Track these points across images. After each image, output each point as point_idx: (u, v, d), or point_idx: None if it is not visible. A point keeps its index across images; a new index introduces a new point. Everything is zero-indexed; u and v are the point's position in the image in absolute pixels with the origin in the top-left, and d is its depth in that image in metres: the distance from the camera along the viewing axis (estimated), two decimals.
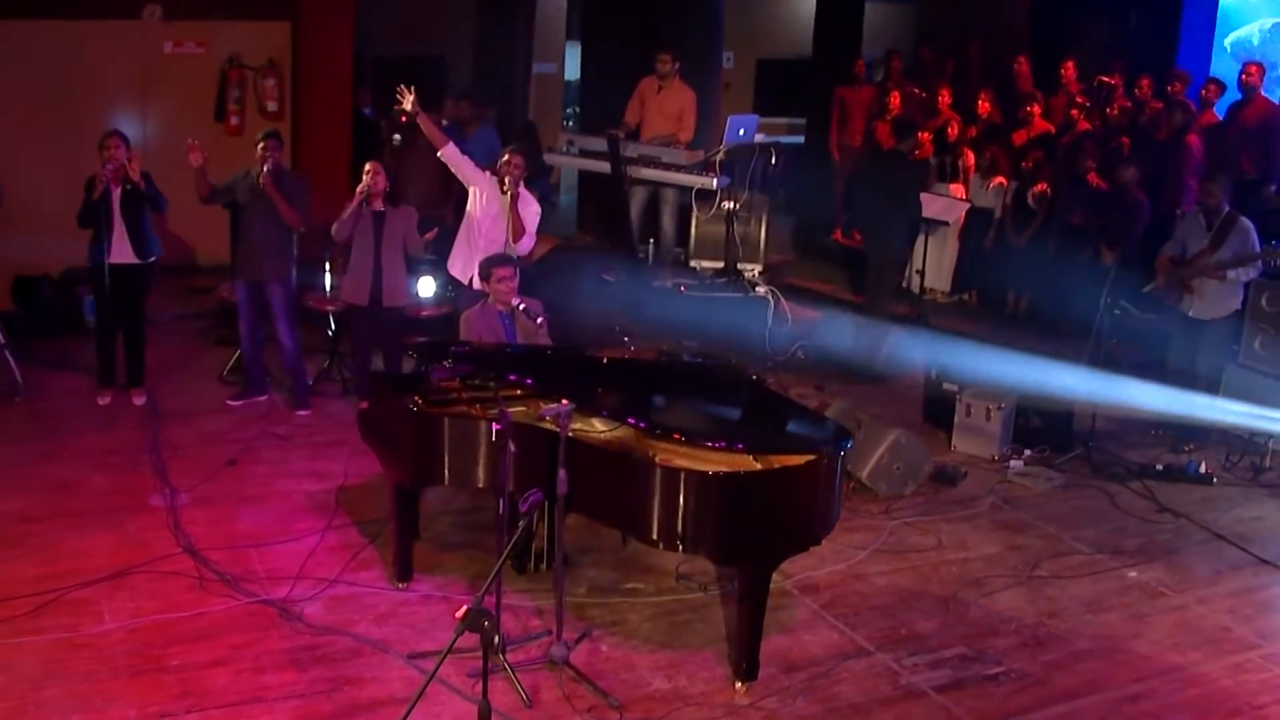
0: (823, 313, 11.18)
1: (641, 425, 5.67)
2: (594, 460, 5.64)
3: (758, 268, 11.12)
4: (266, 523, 7.15)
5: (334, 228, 8.34)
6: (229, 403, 8.96)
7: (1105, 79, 11.85)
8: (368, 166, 8.35)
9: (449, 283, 9.17)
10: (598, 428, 5.98)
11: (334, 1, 12.16)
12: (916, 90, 12.89)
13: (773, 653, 5.91)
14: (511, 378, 6.01)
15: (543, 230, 8.87)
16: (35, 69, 11.18)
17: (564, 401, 5.47)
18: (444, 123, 10.16)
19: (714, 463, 5.53)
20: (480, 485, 6.08)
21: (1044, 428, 8.90)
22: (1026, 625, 6.49)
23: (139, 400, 8.86)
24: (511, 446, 5.45)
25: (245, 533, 7.01)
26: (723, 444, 5.51)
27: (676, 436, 5.52)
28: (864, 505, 7.79)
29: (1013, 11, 14.05)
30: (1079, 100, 11.63)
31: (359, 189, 8.24)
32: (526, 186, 8.31)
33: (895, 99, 12.42)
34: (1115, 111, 11.52)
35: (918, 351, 9.94)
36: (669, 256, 11.29)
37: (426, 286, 9.62)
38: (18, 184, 10.66)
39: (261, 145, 8.47)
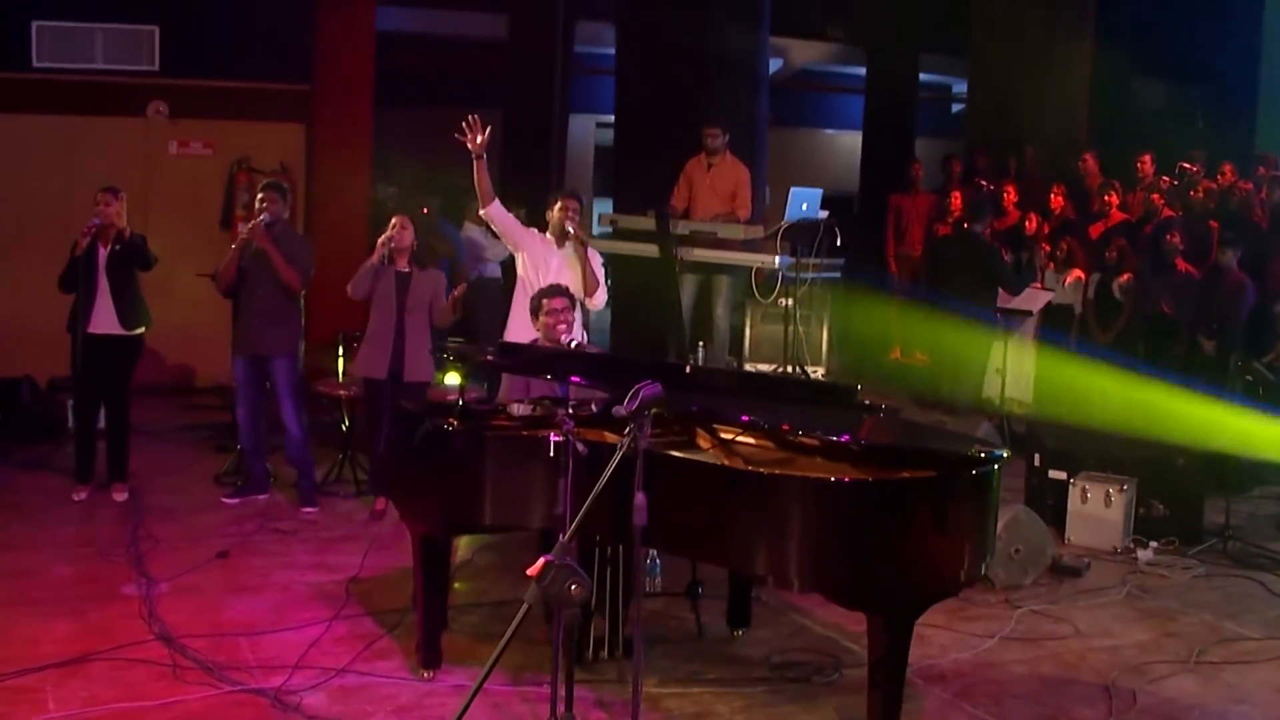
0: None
1: (742, 420, 4.45)
2: (678, 476, 4.43)
3: (821, 370, 10.04)
4: (261, 613, 5.91)
5: (350, 284, 7.28)
6: (224, 500, 7.77)
7: (1186, 165, 10.94)
8: (394, 220, 7.33)
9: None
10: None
11: (352, 107, 11.43)
12: (984, 182, 11.99)
13: None
14: (575, 381, 4.79)
15: None
16: (32, 164, 10.44)
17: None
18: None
19: (834, 473, 4.31)
20: (535, 525, 4.83)
21: (1169, 517, 7.65)
22: (1212, 712, 5.19)
23: (120, 496, 7.68)
24: (581, 447, 4.23)
25: (235, 621, 5.77)
26: (848, 438, 4.28)
27: (785, 428, 4.30)
28: (979, 595, 6.48)
29: (1069, 116, 13.33)
30: (1162, 184, 10.68)
31: (381, 240, 7.20)
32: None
33: (957, 199, 11.52)
34: (1200, 194, 10.57)
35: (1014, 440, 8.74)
36: (722, 362, 10.15)
37: (451, 377, 8.46)
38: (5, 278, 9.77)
39: (260, 196, 7.49)
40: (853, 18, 18.16)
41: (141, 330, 7.72)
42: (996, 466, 4.46)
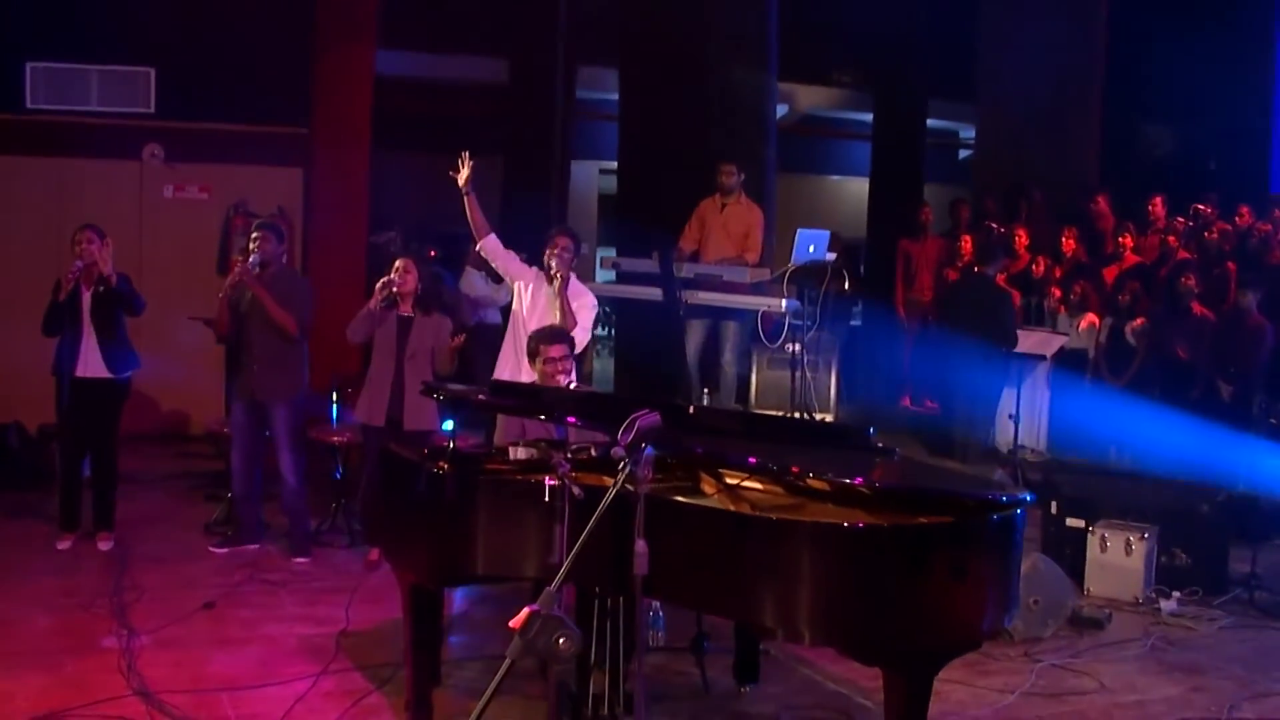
0: None
1: (749, 463, 4.21)
2: (681, 522, 4.20)
3: (828, 418, 9.77)
4: (245, 667, 5.67)
5: (349, 327, 7.07)
6: (212, 550, 7.52)
7: (1200, 207, 10.75)
8: (398, 263, 7.12)
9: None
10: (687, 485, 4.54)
11: (350, 151, 11.23)
12: (994, 225, 11.81)
13: None
14: (571, 422, 4.55)
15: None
16: (24, 207, 10.29)
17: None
18: None
19: (847, 518, 4.07)
20: (530, 574, 4.58)
21: (1192, 566, 7.40)
22: None
23: (105, 545, 7.44)
24: (576, 490, 4.00)
25: (217, 676, 5.53)
26: (861, 481, 4.05)
27: (795, 470, 4.07)
28: (997, 648, 6.21)
29: (1078, 160, 13.20)
30: (1177, 225, 10.49)
31: (381, 283, 6.98)
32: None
33: (968, 243, 11.32)
34: (1215, 236, 10.37)
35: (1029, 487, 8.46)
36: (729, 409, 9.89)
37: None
38: None
39: (254, 236, 7.30)
40: (860, 62, 18.06)
41: (129, 375, 7.49)
42: (1019, 511, 4.23)
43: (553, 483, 4.18)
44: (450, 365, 7.04)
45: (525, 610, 2.77)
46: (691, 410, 4.55)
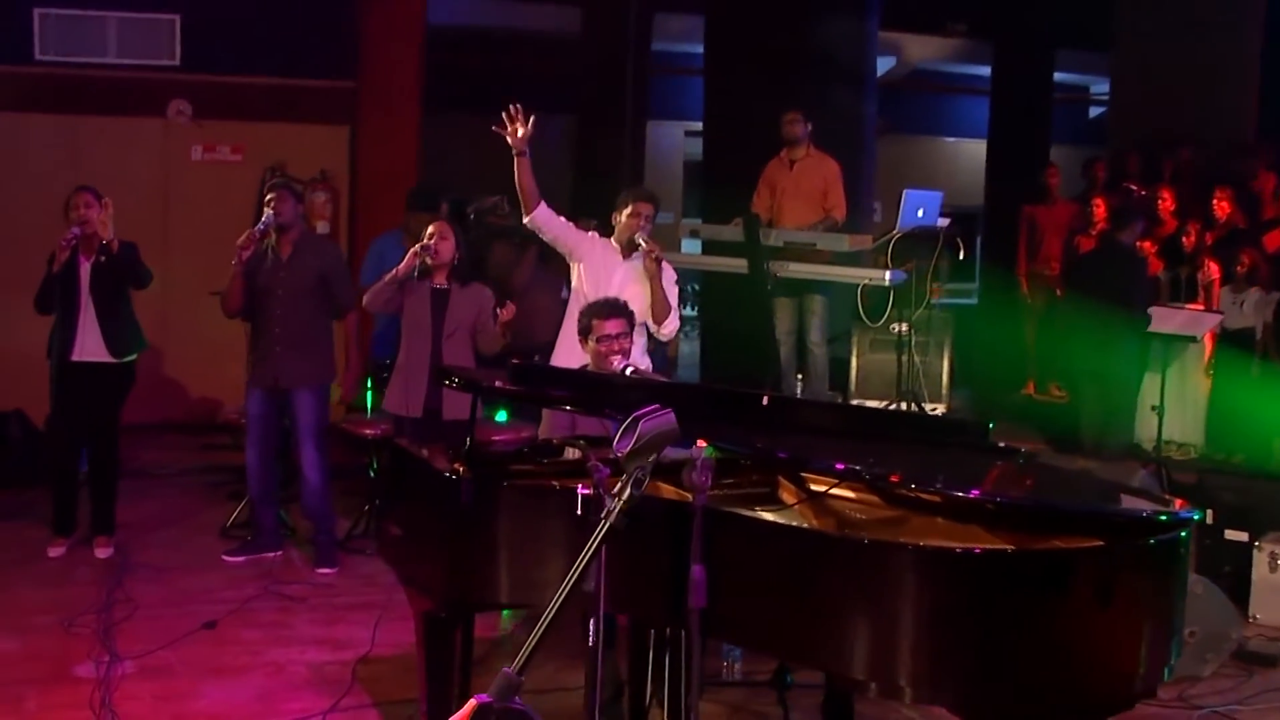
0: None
1: (836, 469, 3.55)
2: (749, 541, 3.56)
3: (941, 408, 9.13)
4: (241, 701, 5.16)
5: (369, 292, 6.52)
6: (225, 558, 7.03)
7: None
8: (432, 228, 6.54)
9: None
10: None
11: (398, 110, 10.76)
12: (1134, 187, 11.00)
13: None
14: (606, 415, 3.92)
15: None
16: (34, 171, 9.88)
17: (699, 444, 3.46)
18: None
19: (959, 539, 3.40)
20: (565, 603, 3.95)
21: None
22: None
23: (103, 553, 6.98)
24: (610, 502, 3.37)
25: (206, 713, 5.00)
26: (979, 493, 3.37)
27: (894, 479, 3.40)
28: None
29: (1233, 113, 12.36)
30: None
31: (414, 250, 6.40)
32: None
33: (1101, 206, 10.51)
34: None
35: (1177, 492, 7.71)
36: (822, 398, 9.24)
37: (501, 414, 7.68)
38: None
39: (268, 197, 6.81)
40: (977, 9, 17.26)
41: (133, 357, 7.01)
42: (1184, 533, 3.51)
43: (586, 491, 3.55)
44: (498, 343, 6.47)
45: (472, 701, 2.32)
46: (766, 401, 3.88)
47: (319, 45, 10.63)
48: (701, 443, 3.49)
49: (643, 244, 6.28)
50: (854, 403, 9.24)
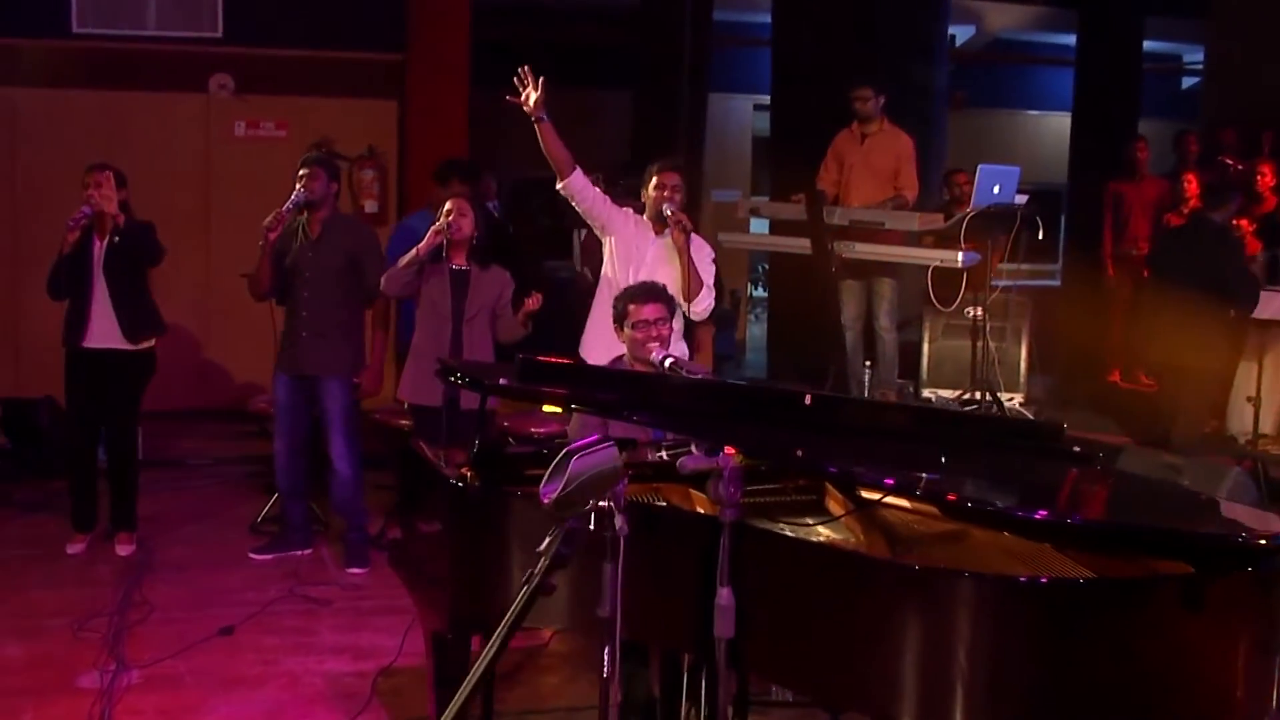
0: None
1: (885, 482, 3.17)
2: (783, 563, 3.18)
3: (1018, 398, 8.69)
4: (251, 716, 4.88)
5: (386, 275, 6.21)
6: (252, 555, 6.77)
7: None
8: (449, 204, 6.24)
9: None
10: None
11: (447, 84, 10.46)
12: (1230, 162, 10.47)
13: None
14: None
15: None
16: (70, 149, 9.63)
17: (727, 452, 3.12)
18: None
19: (1026, 561, 3.02)
20: (567, 625, 3.63)
21: None
22: None
23: (124, 550, 6.74)
24: (618, 521, 3.02)
25: None
26: (1048, 514, 2.98)
27: (951, 499, 3.01)
28: None
29: None
30: None
31: (434, 228, 6.11)
32: None
33: (1193, 183, 10.00)
34: None
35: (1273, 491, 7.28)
36: (892, 386, 8.84)
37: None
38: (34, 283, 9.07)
39: (301, 173, 6.52)
40: None
41: (151, 344, 6.75)
42: None
43: (601, 503, 3.19)
44: (518, 332, 6.18)
45: None
46: (810, 400, 3.49)
47: (366, 16, 10.35)
48: (729, 450, 3.14)
49: (670, 213, 5.96)
50: (924, 395, 8.84)
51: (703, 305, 5.94)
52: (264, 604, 6.04)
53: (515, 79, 5.91)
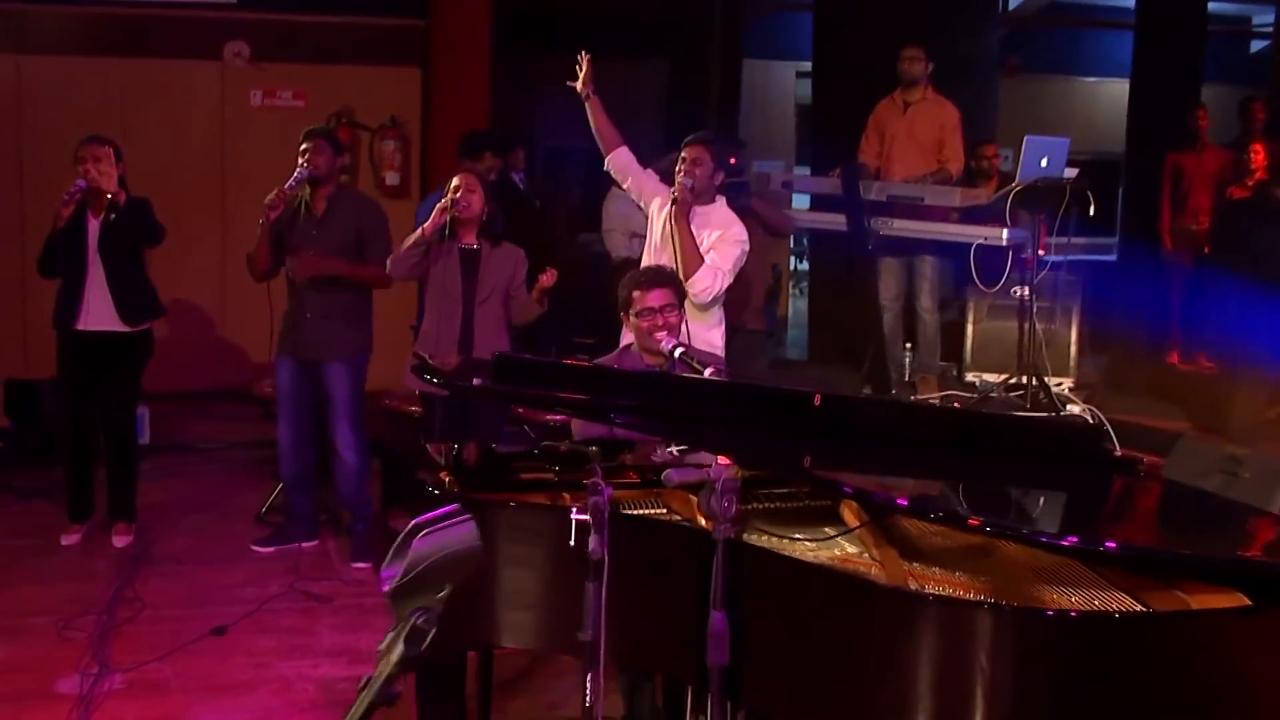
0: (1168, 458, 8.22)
1: (897, 504, 2.90)
2: (783, 585, 2.91)
3: (1068, 382, 8.35)
4: None
5: (392, 257, 5.96)
6: (254, 548, 6.56)
7: None
8: (457, 179, 5.97)
9: None
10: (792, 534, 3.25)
11: (475, 42, 10.23)
12: None
13: None
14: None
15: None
16: (80, 118, 9.44)
17: (721, 462, 2.86)
18: None
19: (1057, 578, 2.73)
20: (564, 650, 3.37)
21: None
22: None
23: (121, 541, 6.55)
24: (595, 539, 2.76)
25: None
26: (1080, 540, 2.68)
27: (973, 523, 2.73)
28: None
29: None
30: None
31: (440, 206, 5.85)
32: None
33: (1260, 153, 9.59)
34: None
35: None
36: (933, 370, 8.52)
37: None
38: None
39: (303, 147, 6.29)
40: None
41: (147, 325, 6.54)
42: None
43: (581, 516, 2.92)
44: (533, 311, 5.94)
45: None
46: (819, 401, 3.20)
47: None
48: (724, 460, 2.87)
49: (677, 183, 5.74)
50: (972, 379, 8.50)
51: (698, 287, 5.57)
52: (261, 601, 5.83)
53: (579, 60, 5.96)
